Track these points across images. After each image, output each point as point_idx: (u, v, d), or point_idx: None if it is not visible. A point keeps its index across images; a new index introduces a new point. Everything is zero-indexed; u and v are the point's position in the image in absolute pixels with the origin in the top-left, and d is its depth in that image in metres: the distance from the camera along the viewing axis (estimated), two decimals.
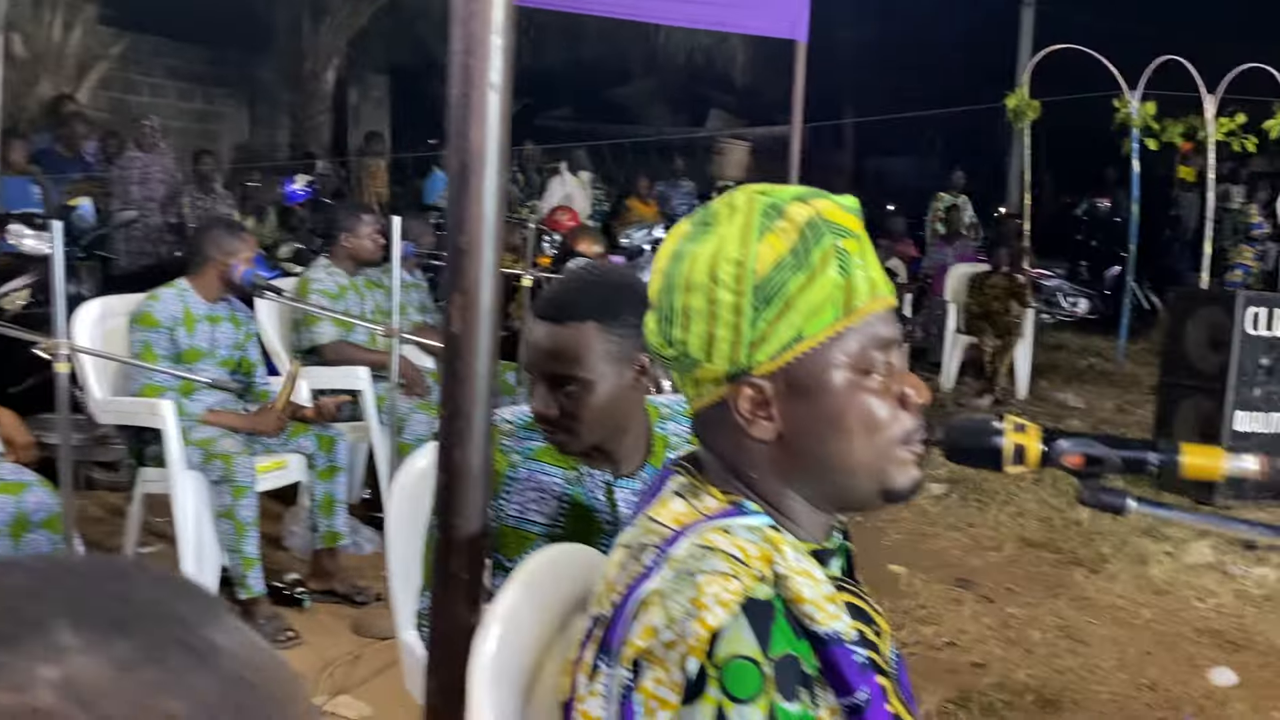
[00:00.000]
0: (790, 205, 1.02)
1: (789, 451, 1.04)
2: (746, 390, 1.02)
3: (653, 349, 1.08)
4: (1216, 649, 3.67)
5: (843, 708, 0.98)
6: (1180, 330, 5.58)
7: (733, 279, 1.00)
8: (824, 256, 1.00)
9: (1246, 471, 1.00)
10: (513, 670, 1.10)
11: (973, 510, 5.13)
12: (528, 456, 1.70)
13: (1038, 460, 1.05)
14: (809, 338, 1.01)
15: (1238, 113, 9.21)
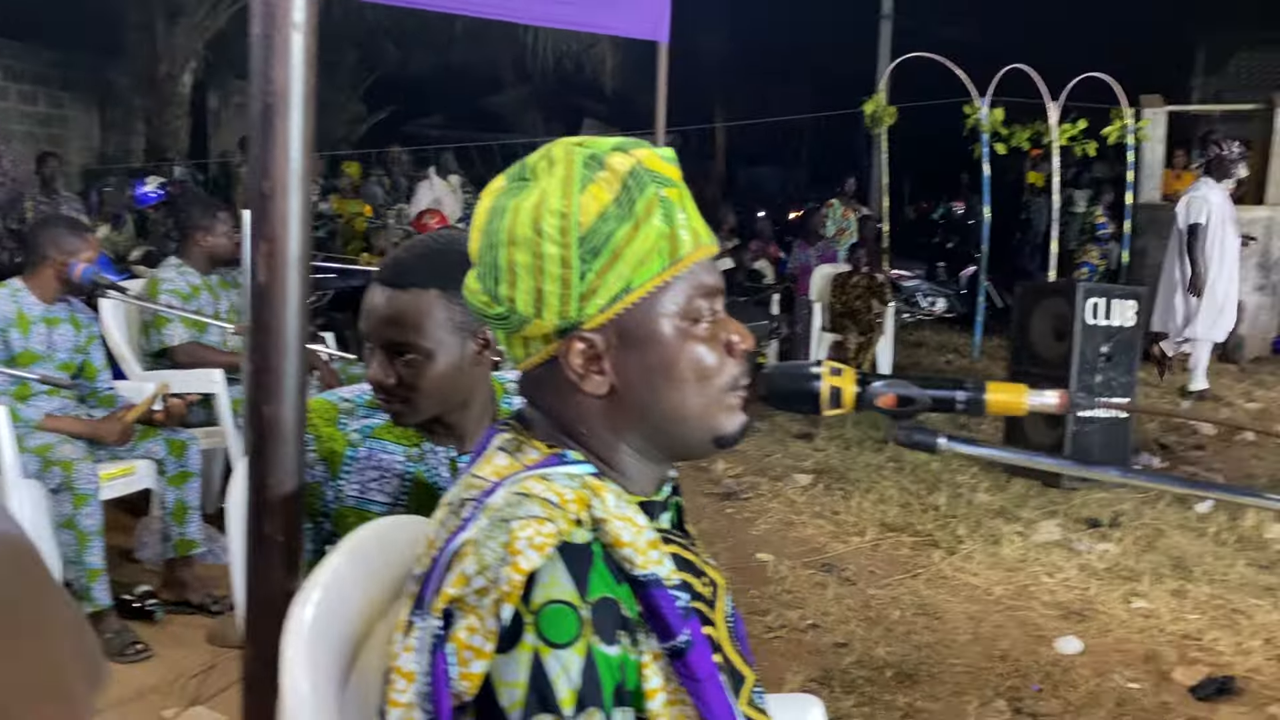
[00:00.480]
0: (610, 156, 1.02)
1: (622, 403, 1.04)
2: (578, 344, 1.01)
3: (477, 309, 1.05)
4: (1063, 620, 3.84)
5: (665, 652, 0.98)
6: (1027, 322, 5.84)
7: (558, 231, 0.98)
8: (648, 206, 1.00)
9: (1048, 406, 1.04)
10: (335, 638, 1.07)
11: (837, 498, 5.26)
12: (367, 435, 1.66)
13: (853, 402, 1.08)
14: (638, 288, 1.01)
15: (1079, 119, 9.73)
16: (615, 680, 0.92)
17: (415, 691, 0.91)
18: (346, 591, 1.11)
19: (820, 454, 6.16)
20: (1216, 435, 6.82)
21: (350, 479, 1.64)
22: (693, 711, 0.99)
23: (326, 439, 1.65)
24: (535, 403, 1.08)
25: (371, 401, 1.70)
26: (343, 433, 1.65)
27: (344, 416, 1.67)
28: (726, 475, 5.74)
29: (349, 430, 1.66)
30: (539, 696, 0.88)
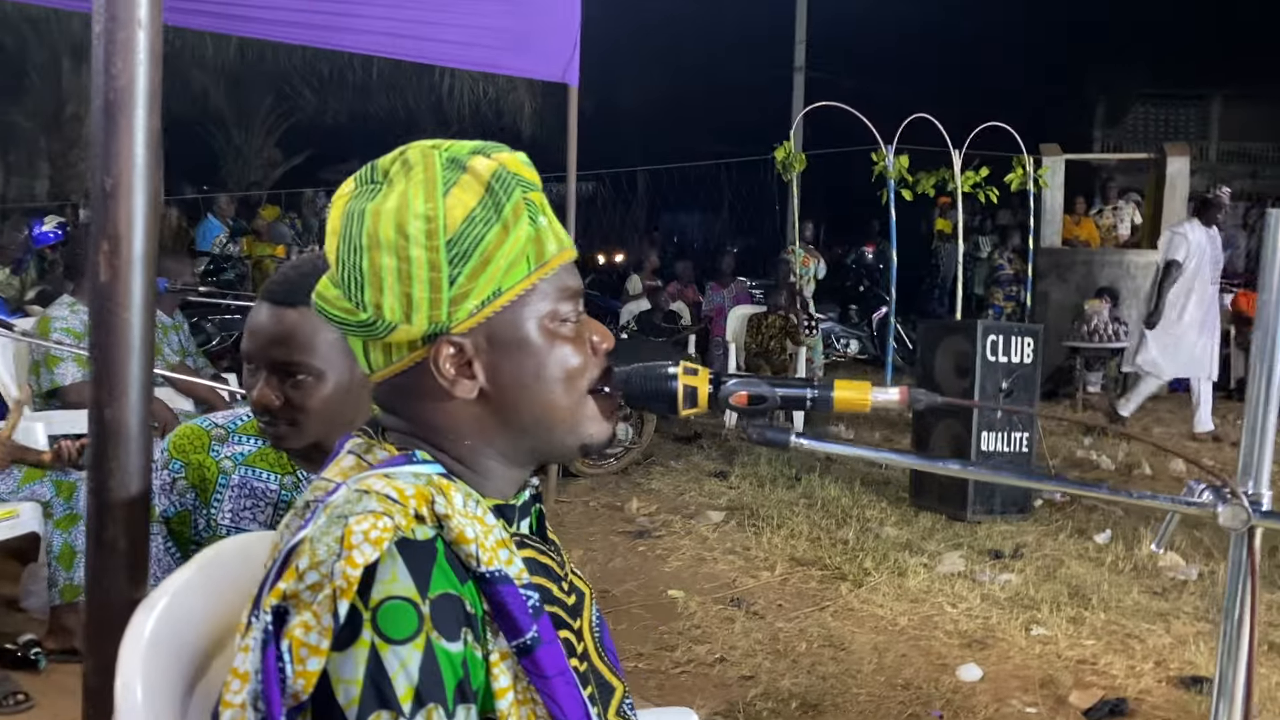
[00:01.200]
0: (472, 159, 1.01)
1: (491, 407, 1.03)
2: (447, 349, 1.00)
3: (335, 317, 1.01)
4: (964, 648, 3.90)
5: (513, 650, 0.97)
6: (930, 359, 5.98)
7: (423, 234, 0.97)
8: (515, 209, 1.00)
9: (890, 402, 1.08)
10: (180, 648, 1.04)
11: (749, 535, 5.29)
12: (240, 462, 1.62)
13: (708, 401, 1.09)
14: (507, 291, 1.00)
15: (982, 167, 10.07)
16: (457, 677, 0.90)
17: (249, 691, 0.89)
18: (196, 603, 1.08)
19: (734, 491, 6.20)
20: (1116, 470, 7.04)
21: (223, 506, 1.61)
22: (544, 711, 0.98)
23: (197, 466, 1.62)
24: (395, 410, 1.06)
25: (245, 427, 1.67)
26: (215, 460, 1.62)
27: (216, 443, 1.64)
28: (640, 514, 5.74)
29: (221, 457, 1.63)
30: (377, 692, 0.86)
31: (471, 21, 5.32)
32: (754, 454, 7.21)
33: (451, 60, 6.32)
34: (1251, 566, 1.02)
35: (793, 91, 15.83)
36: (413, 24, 5.36)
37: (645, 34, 18.57)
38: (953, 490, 5.75)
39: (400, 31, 5.39)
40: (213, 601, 1.09)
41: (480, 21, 5.36)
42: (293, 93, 12.96)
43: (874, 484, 6.44)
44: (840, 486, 6.22)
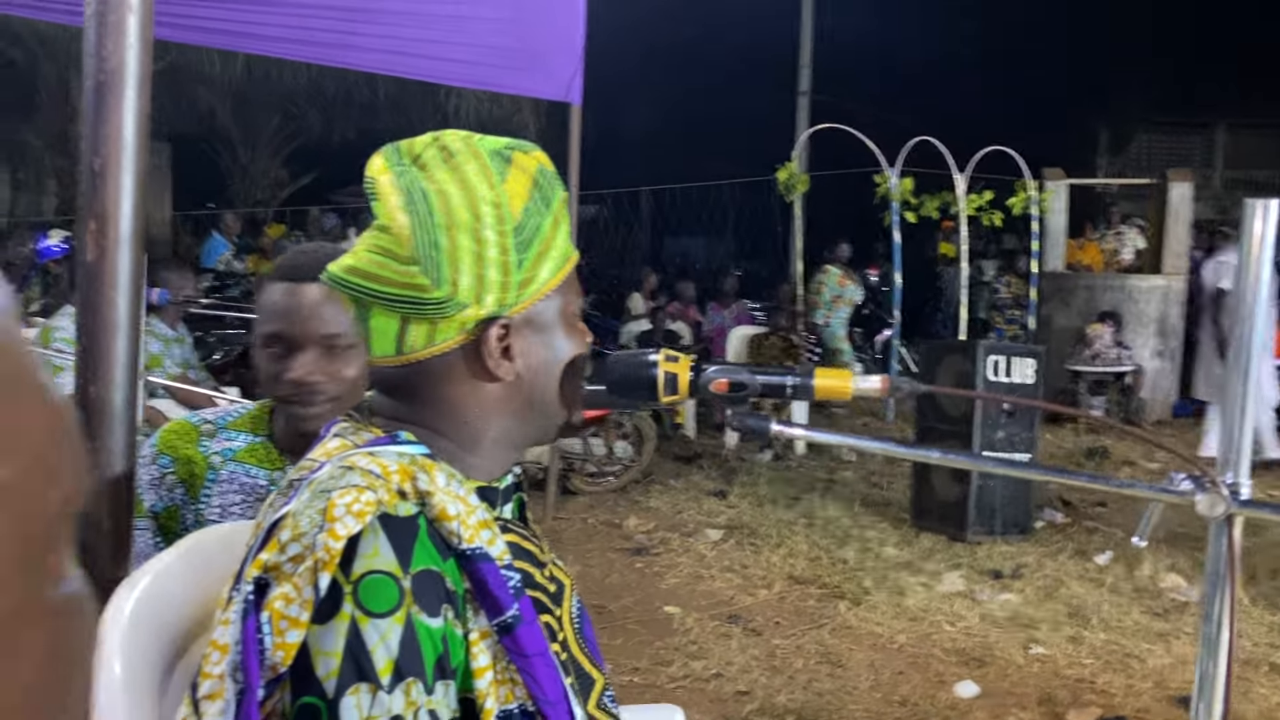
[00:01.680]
0: (513, 153, 1.05)
1: (517, 389, 1.06)
2: (497, 332, 1.02)
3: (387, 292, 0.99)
4: (962, 666, 3.88)
5: (494, 629, 0.97)
6: (932, 379, 5.98)
7: (494, 219, 1.00)
8: (561, 204, 1.06)
9: (872, 390, 1.08)
10: (160, 627, 1.05)
11: (748, 553, 5.27)
12: (229, 458, 1.63)
13: (688, 388, 1.10)
14: (552, 279, 1.05)
15: (985, 190, 10.11)
16: (437, 652, 0.91)
17: (228, 662, 0.89)
18: (178, 585, 1.09)
19: (733, 510, 6.19)
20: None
21: (211, 502, 1.61)
22: (523, 691, 0.98)
23: (186, 461, 1.63)
24: (404, 392, 1.05)
25: (234, 423, 1.68)
26: (204, 455, 1.63)
27: (205, 438, 1.65)
28: (638, 531, 5.73)
29: (210, 452, 1.63)
30: (356, 665, 0.87)
31: (475, 40, 5.37)
32: (754, 474, 7.20)
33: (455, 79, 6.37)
34: (1230, 555, 1.02)
35: (797, 115, 15.90)
36: (417, 42, 5.41)
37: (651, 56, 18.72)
38: (953, 511, 5.73)
39: (405, 50, 5.44)
40: (195, 585, 1.10)
41: (484, 40, 5.40)
42: (299, 112, 13.05)
43: (875, 504, 6.43)
44: (840, 507, 6.20)
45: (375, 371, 1.08)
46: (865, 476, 7.39)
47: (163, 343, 4.74)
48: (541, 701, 0.98)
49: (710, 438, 8.81)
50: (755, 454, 8.06)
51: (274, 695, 0.88)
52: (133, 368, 1.11)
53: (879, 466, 7.74)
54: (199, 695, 0.90)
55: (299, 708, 0.87)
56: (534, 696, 0.98)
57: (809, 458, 8.07)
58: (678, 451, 8.15)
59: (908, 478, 6.40)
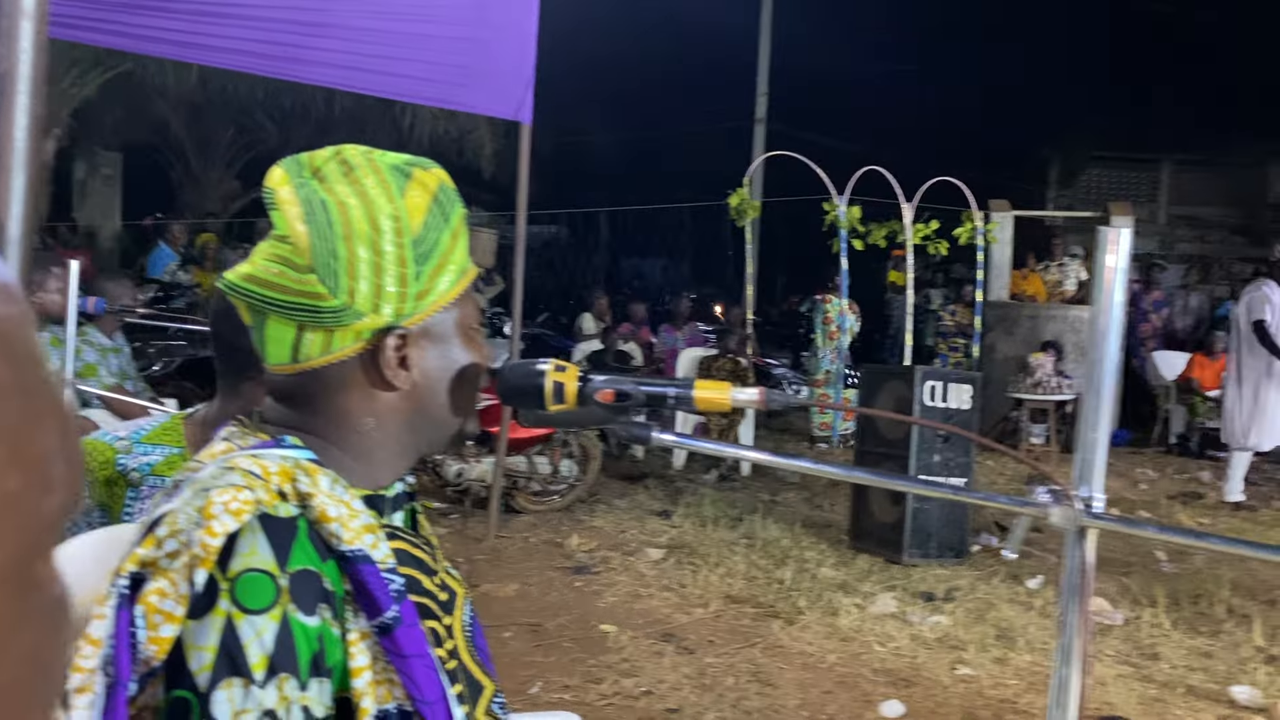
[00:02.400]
0: (412, 169, 1.09)
1: (412, 399, 1.08)
2: (394, 341, 1.05)
3: (303, 298, 1.02)
4: (890, 686, 3.93)
5: (373, 630, 0.99)
6: (871, 403, 6.07)
7: (394, 231, 1.03)
8: (461, 219, 1.10)
9: (749, 402, 1.12)
10: None
11: (687, 572, 5.31)
12: (147, 472, 1.64)
13: (575, 397, 1.14)
14: (449, 292, 1.08)
15: (932, 219, 10.29)
16: (312, 650, 0.93)
17: (100, 656, 0.91)
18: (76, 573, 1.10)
19: (675, 530, 6.22)
20: None
21: (134, 518, 1.61)
22: (401, 691, 1.00)
23: (104, 483, 1.63)
24: (298, 400, 1.08)
25: (149, 436, 1.69)
26: (122, 474, 1.63)
27: (122, 456, 1.65)
28: (580, 550, 5.74)
29: (128, 470, 1.63)
30: (230, 660, 0.88)
31: (428, 58, 5.40)
32: (699, 494, 7.25)
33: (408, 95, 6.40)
34: (1083, 565, 1.07)
35: (753, 142, 16.10)
36: (371, 58, 5.43)
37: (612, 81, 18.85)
38: (890, 534, 5.81)
39: (360, 65, 5.46)
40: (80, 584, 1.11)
41: (438, 58, 5.44)
42: (255, 125, 12.98)
43: (815, 526, 6.50)
44: (781, 528, 6.26)
45: (270, 380, 1.10)
46: (808, 499, 7.47)
47: (99, 352, 4.70)
48: (419, 702, 1.00)
49: (657, 458, 8.85)
50: (701, 475, 8.12)
51: (146, 690, 0.89)
52: None
53: (822, 489, 7.83)
54: (69, 688, 0.92)
55: (171, 701, 0.89)
56: (411, 697, 1.00)
57: (753, 479, 8.14)
58: (624, 471, 8.18)
59: (848, 500, 6.48)
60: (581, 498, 6.86)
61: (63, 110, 11.03)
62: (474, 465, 6.39)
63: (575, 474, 6.82)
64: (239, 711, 0.88)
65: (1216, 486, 8.65)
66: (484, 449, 6.45)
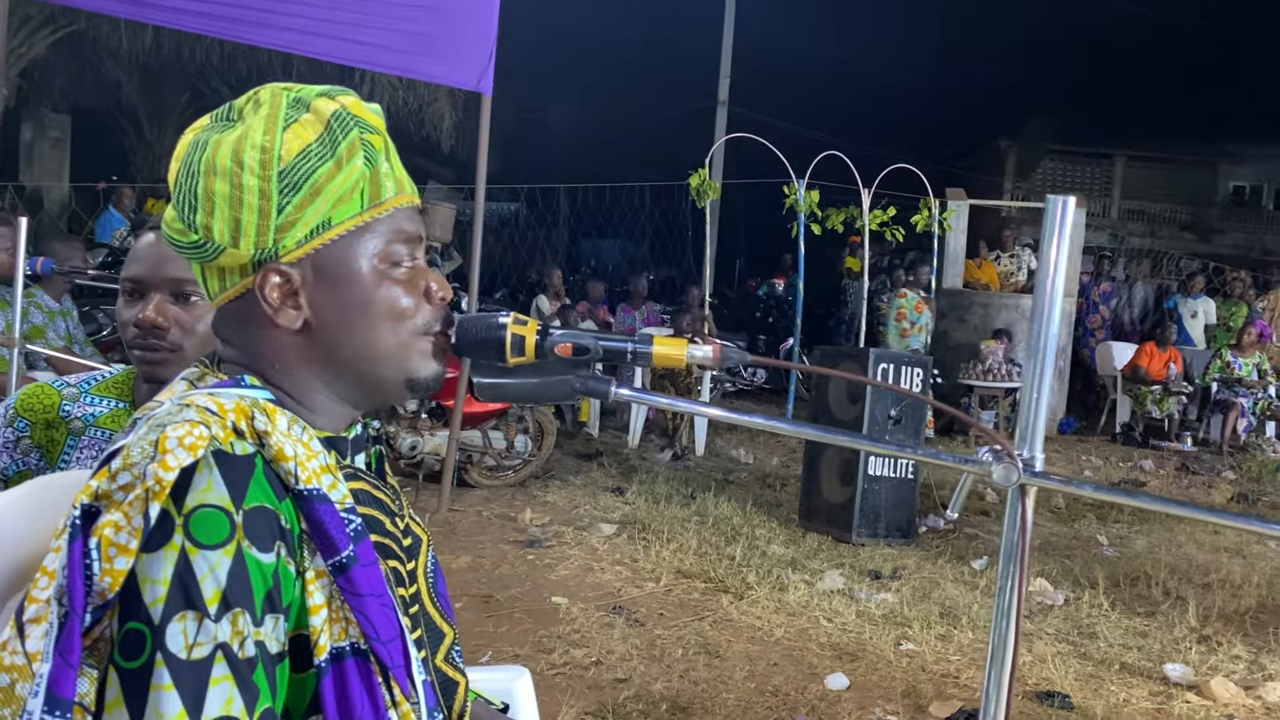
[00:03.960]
0: (316, 100, 1.07)
1: (315, 340, 1.07)
2: (274, 277, 1.04)
3: (171, 238, 1.06)
4: (836, 659, 4.00)
5: (329, 568, 1.00)
6: (824, 385, 6.13)
7: (258, 164, 1.02)
8: (350, 148, 1.05)
9: (705, 359, 1.15)
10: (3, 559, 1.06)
11: (639, 548, 5.35)
12: (90, 423, 1.63)
13: (534, 350, 1.15)
14: (337, 225, 1.05)
15: (890, 206, 10.39)
16: (267, 586, 0.93)
17: (55, 587, 0.91)
18: (19, 521, 1.10)
19: (629, 507, 6.25)
20: (999, 501, 7.27)
21: (70, 466, 1.60)
22: (356, 630, 1.01)
23: (44, 425, 1.61)
24: (228, 339, 1.10)
25: (98, 388, 1.67)
26: (64, 419, 1.62)
27: (67, 402, 1.63)
28: (533, 524, 5.76)
29: (71, 417, 1.62)
30: (183, 594, 0.89)
31: (388, 25, 5.36)
32: (653, 473, 7.29)
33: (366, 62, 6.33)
34: (1024, 523, 1.11)
35: (715, 123, 16.12)
36: (330, 24, 5.37)
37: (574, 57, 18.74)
38: (839, 514, 5.90)
39: (317, 30, 5.40)
40: (37, 523, 1.10)
41: (397, 26, 5.39)
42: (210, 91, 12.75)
43: (766, 505, 6.57)
44: (733, 506, 6.32)
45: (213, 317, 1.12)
46: (760, 478, 7.54)
47: (46, 314, 4.62)
48: (373, 640, 1.01)
49: (613, 436, 8.88)
50: (655, 455, 8.16)
51: (101, 621, 0.90)
52: None
53: (773, 469, 7.91)
54: (24, 619, 0.92)
55: (124, 633, 0.89)
56: (366, 635, 1.01)
57: (707, 459, 8.20)
58: (579, 449, 8.20)
59: (799, 481, 6.55)
60: (536, 474, 6.87)
61: (11, 70, 10.77)
62: (428, 439, 6.38)
63: (530, 450, 6.82)
64: (192, 644, 0.88)
65: (1159, 475, 8.87)
66: (438, 423, 6.44)
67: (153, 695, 0.87)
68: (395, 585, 1.11)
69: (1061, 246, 1.11)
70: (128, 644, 0.88)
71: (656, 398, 1.19)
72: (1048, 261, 1.10)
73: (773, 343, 11.54)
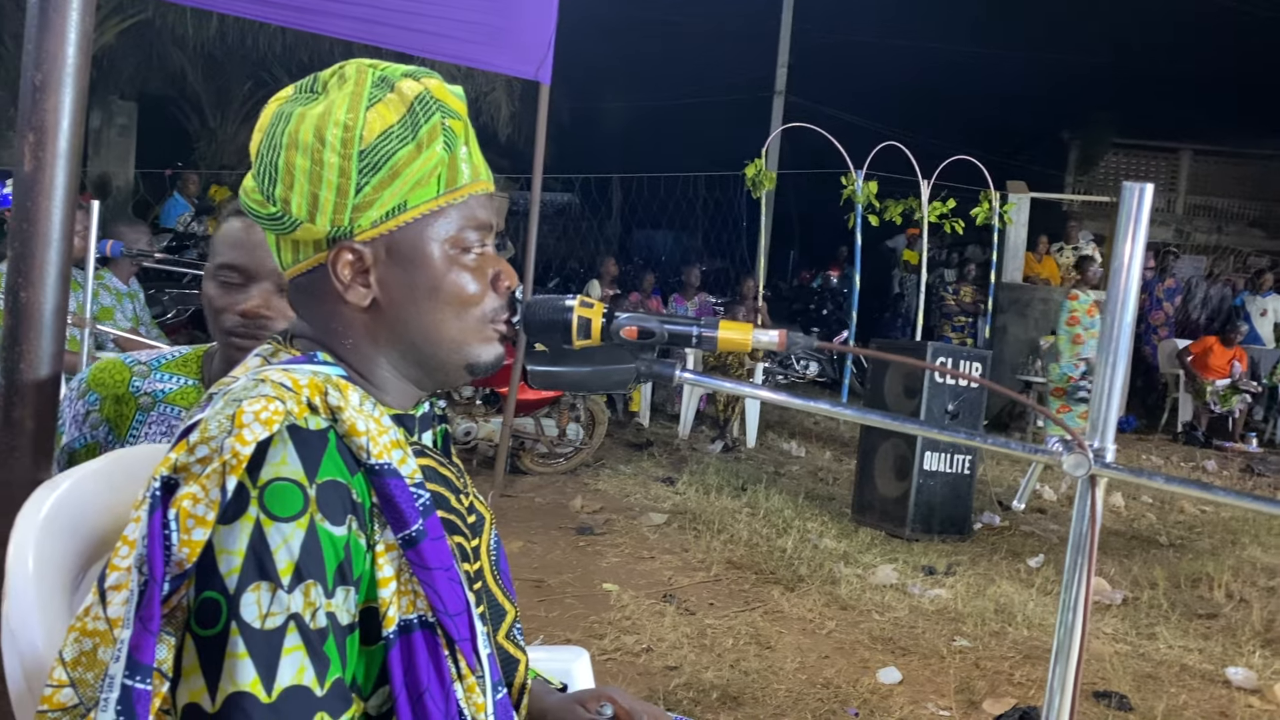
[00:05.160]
0: (401, 80, 1.08)
1: (383, 318, 1.08)
2: (346, 255, 1.05)
3: (249, 208, 1.08)
4: (888, 654, 3.97)
5: (399, 542, 1.02)
6: (880, 379, 6.08)
7: (340, 142, 1.03)
8: (431, 132, 1.06)
9: (770, 344, 1.14)
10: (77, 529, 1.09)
11: (689, 537, 5.35)
12: (160, 399, 1.66)
13: (600, 333, 1.15)
14: (412, 208, 1.06)
15: (949, 198, 10.26)
16: (338, 559, 0.95)
17: (135, 556, 0.93)
18: (101, 491, 1.13)
19: (679, 497, 6.26)
20: (1057, 500, 7.16)
21: (138, 441, 1.63)
22: (424, 603, 1.02)
23: (114, 400, 1.65)
24: (301, 313, 1.12)
25: (169, 365, 1.71)
26: (134, 395, 1.65)
27: (137, 379, 1.67)
28: (584, 511, 5.79)
29: (141, 393, 1.66)
30: (258, 564, 0.91)
31: (448, 14, 5.38)
32: (703, 463, 7.28)
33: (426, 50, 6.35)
34: (1092, 514, 1.09)
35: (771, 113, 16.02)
36: (390, 12, 5.41)
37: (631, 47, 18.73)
38: (893, 508, 5.85)
39: (379, 19, 5.44)
40: (115, 493, 1.13)
41: (457, 14, 5.42)
42: (271, 79, 12.93)
43: (818, 499, 6.53)
44: (785, 498, 6.29)
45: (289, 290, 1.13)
46: (812, 472, 7.50)
47: (114, 296, 4.73)
48: (441, 613, 1.02)
49: (663, 426, 8.89)
50: (707, 445, 8.15)
51: (179, 590, 0.92)
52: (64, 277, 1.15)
53: (825, 463, 7.86)
54: (106, 586, 0.94)
55: (201, 602, 0.91)
56: (434, 608, 1.02)
57: (759, 451, 8.17)
58: (630, 439, 8.22)
59: (852, 475, 6.51)
60: (587, 461, 6.90)
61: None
62: (482, 424, 6.43)
63: (581, 438, 6.85)
64: (266, 614, 0.90)
65: (1221, 476, 8.67)
66: (492, 409, 6.49)
67: (227, 663, 0.89)
68: (460, 561, 1.12)
69: (1138, 236, 1.09)
70: (204, 612, 0.91)
71: (720, 382, 1.19)
72: (1123, 252, 1.08)
73: (826, 335, 11.46)
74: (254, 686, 0.89)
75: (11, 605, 0.98)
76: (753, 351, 8.29)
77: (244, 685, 0.89)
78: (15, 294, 1.12)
